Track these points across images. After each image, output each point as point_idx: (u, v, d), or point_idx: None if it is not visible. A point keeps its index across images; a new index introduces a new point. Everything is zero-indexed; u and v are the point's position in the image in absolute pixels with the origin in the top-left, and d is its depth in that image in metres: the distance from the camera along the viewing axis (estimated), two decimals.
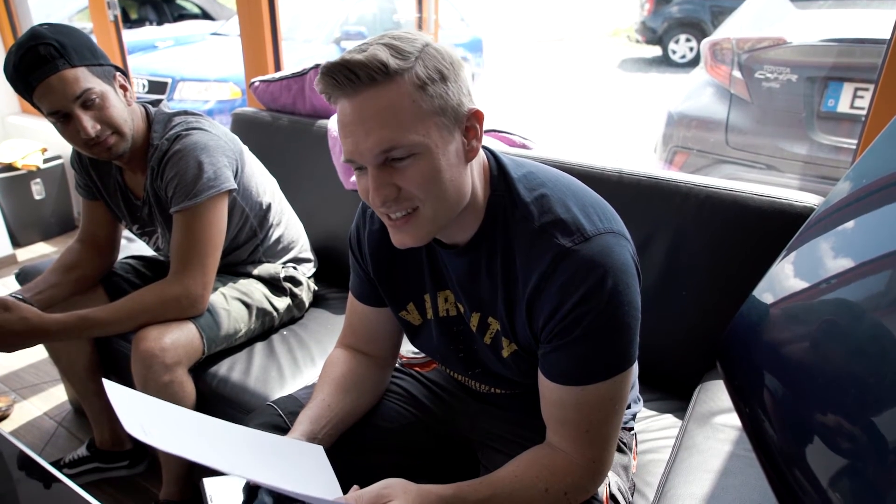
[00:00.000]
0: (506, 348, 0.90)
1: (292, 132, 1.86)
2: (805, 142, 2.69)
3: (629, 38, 10.09)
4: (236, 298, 1.48)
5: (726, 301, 1.14)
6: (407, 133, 0.73)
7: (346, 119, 0.75)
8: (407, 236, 0.80)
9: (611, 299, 0.77)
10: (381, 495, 0.77)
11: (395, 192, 0.76)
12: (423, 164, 0.75)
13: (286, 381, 1.39)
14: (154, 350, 1.30)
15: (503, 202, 0.84)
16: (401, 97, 0.72)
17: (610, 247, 0.79)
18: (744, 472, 0.92)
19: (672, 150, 3.07)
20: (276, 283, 1.58)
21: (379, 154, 0.74)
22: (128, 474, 1.68)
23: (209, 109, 4.79)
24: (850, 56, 2.63)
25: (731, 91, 2.93)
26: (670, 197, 1.28)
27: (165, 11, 7.54)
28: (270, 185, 1.62)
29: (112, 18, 2.52)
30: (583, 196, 0.85)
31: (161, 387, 1.32)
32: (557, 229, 0.80)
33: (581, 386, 0.81)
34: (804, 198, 1.20)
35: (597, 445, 0.84)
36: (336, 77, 0.72)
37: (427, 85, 0.74)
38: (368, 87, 0.72)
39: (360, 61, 0.71)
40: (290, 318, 1.64)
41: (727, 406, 1.08)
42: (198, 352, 1.38)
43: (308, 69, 1.81)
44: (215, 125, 1.44)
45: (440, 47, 0.76)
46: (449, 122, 0.76)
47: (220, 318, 1.42)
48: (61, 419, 1.90)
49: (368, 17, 5.62)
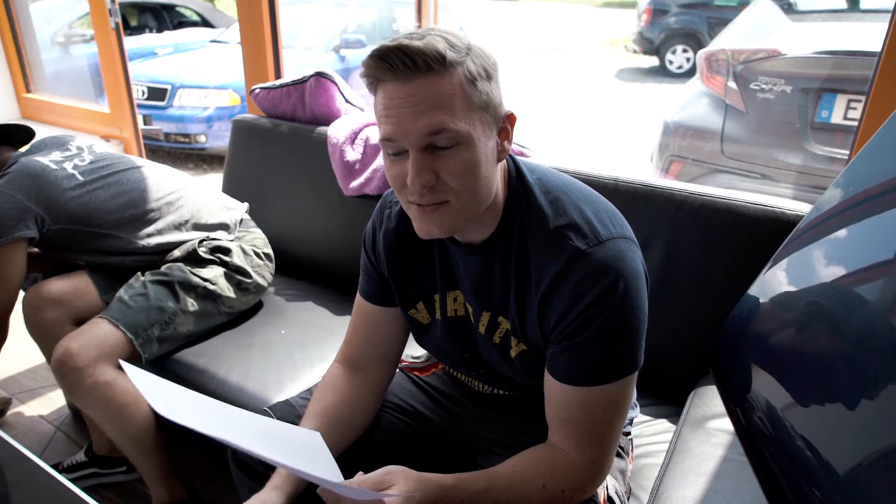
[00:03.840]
0: (514, 348, 0.91)
1: (292, 139, 1.87)
2: (799, 152, 2.72)
3: (626, 48, 10.16)
4: (153, 281, 1.49)
5: (720, 308, 1.16)
6: (456, 120, 0.74)
7: (392, 102, 0.75)
8: (434, 225, 0.80)
9: (622, 302, 0.79)
10: (382, 481, 0.78)
11: (434, 179, 0.76)
12: (465, 154, 0.76)
13: (284, 384, 1.40)
14: (62, 358, 1.33)
15: (520, 203, 0.86)
16: (453, 87, 0.74)
17: (622, 251, 0.81)
18: (736, 476, 0.93)
19: (668, 159, 3.10)
20: (193, 256, 1.58)
21: (426, 136, 0.74)
22: (125, 480, 1.68)
23: (208, 116, 4.81)
24: (843, 68, 2.67)
25: (726, 101, 2.96)
26: (665, 205, 1.30)
27: (165, 19, 7.58)
28: (135, 183, 1.57)
29: (113, 25, 2.54)
30: (595, 201, 0.87)
31: (88, 391, 1.34)
32: (572, 232, 0.81)
33: (587, 387, 0.82)
34: (797, 206, 1.22)
35: (598, 447, 0.85)
36: (391, 61, 0.72)
37: (476, 80, 0.76)
38: (424, 74, 0.73)
39: (419, 48, 0.72)
40: (255, 286, 1.64)
41: (720, 411, 1.09)
42: (120, 345, 1.39)
43: (308, 77, 1.83)
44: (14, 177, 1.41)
45: (484, 48, 0.79)
46: (490, 120, 0.78)
47: (133, 302, 1.44)
48: (59, 423, 1.91)
49: (368, 25, 5.66)
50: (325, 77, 1.82)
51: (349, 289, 1.81)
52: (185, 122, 4.82)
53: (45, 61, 3.34)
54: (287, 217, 1.89)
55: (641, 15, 8.61)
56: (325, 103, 1.84)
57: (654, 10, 8.40)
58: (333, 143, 1.75)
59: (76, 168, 1.50)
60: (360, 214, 1.74)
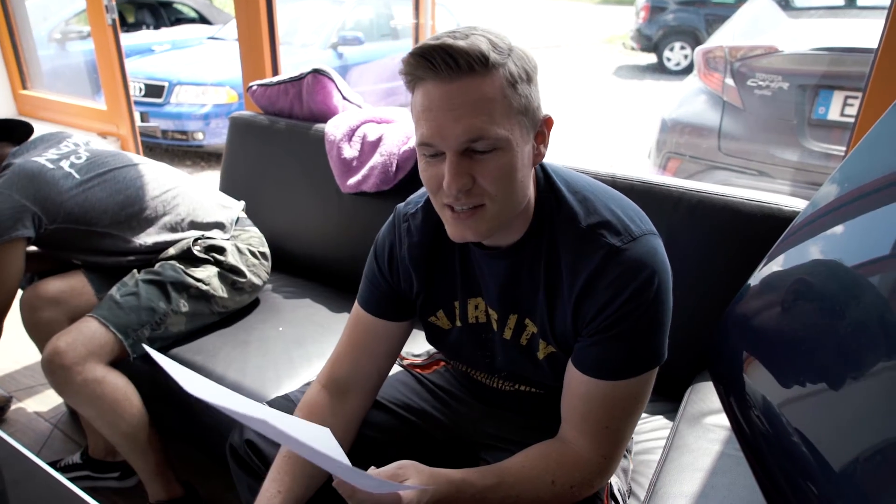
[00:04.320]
0: (542, 350, 0.91)
1: (290, 136, 1.87)
2: (796, 148, 2.73)
3: (624, 45, 10.14)
4: (145, 281, 1.49)
5: (716, 304, 1.16)
6: (496, 126, 0.73)
7: (432, 104, 0.74)
8: (468, 230, 0.79)
9: (656, 297, 0.81)
10: (396, 475, 0.78)
11: (471, 183, 0.76)
12: (503, 159, 0.75)
13: (282, 381, 1.40)
14: (50, 356, 1.33)
15: (549, 204, 0.86)
16: (494, 90, 0.73)
17: (655, 248, 0.83)
18: (733, 471, 0.93)
19: (666, 155, 3.10)
20: (187, 255, 1.56)
21: (464, 141, 0.74)
22: (118, 486, 1.67)
23: (206, 113, 4.80)
24: (840, 65, 2.67)
25: (723, 98, 2.96)
26: (662, 201, 1.30)
27: (162, 15, 7.55)
28: (131, 182, 1.56)
29: (110, 22, 2.53)
30: (620, 200, 0.88)
31: (77, 389, 1.34)
32: (605, 230, 0.82)
33: (613, 381, 0.83)
34: (793, 203, 1.22)
35: (612, 443, 0.86)
36: (433, 60, 0.71)
37: (517, 83, 0.75)
38: (466, 75, 0.72)
39: (463, 48, 0.71)
40: (250, 286, 1.63)
41: (717, 407, 1.10)
42: (109, 343, 1.39)
43: (305, 73, 1.83)
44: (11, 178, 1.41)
45: (525, 49, 0.78)
46: (529, 124, 0.78)
47: (124, 302, 1.43)
48: (57, 421, 1.90)
49: (365, 22, 5.65)
50: (323, 74, 1.82)
51: (346, 286, 1.82)
52: (183, 119, 4.81)
53: (41, 58, 3.33)
54: (284, 214, 1.89)
55: (639, 12, 8.60)
56: (322, 100, 1.84)
57: (652, 7, 8.39)
58: (331, 140, 1.75)
59: (73, 167, 1.50)
60: (357, 212, 1.74)
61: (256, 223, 1.81)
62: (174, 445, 1.56)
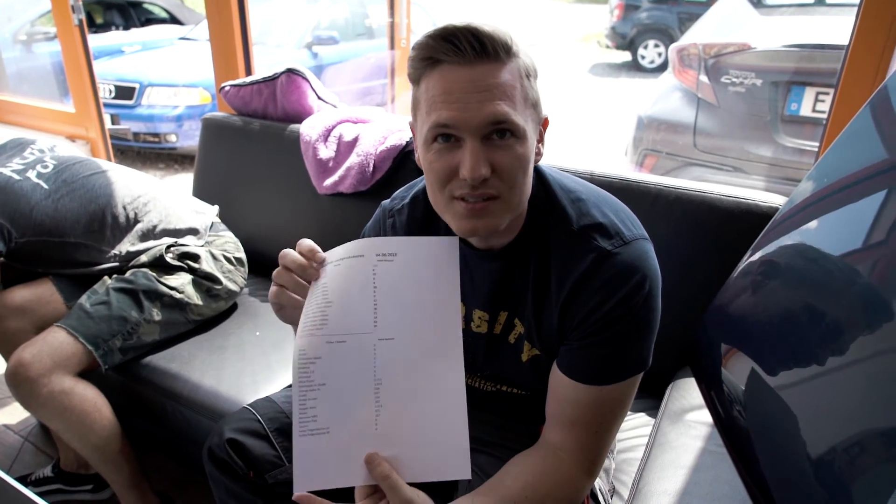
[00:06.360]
0: (526, 352, 0.90)
1: (264, 137, 1.84)
2: (770, 144, 2.76)
3: (599, 43, 10.21)
4: (116, 289, 1.44)
5: (696, 300, 1.16)
6: (517, 114, 0.72)
7: (453, 86, 0.71)
8: (480, 223, 0.77)
9: (645, 302, 0.80)
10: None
11: (489, 171, 0.73)
12: (520, 149, 0.74)
13: (260, 387, 1.37)
14: (14, 368, 1.29)
15: (542, 205, 0.85)
16: (514, 79, 0.72)
17: (646, 252, 0.82)
18: (715, 468, 0.93)
19: (642, 152, 3.12)
20: (160, 262, 1.52)
21: (489, 125, 0.71)
22: (91, 499, 1.63)
23: (178, 115, 4.72)
24: (811, 61, 2.71)
25: (698, 95, 2.99)
26: (640, 198, 1.30)
27: (132, 16, 7.41)
28: (102, 189, 1.52)
29: (76, 23, 2.47)
30: (612, 202, 0.87)
31: (42, 402, 1.30)
32: (597, 232, 0.81)
33: (600, 385, 0.82)
34: (769, 198, 1.23)
35: (599, 447, 0.85)
36: (458, 42, 0.69)
37: (530, 76, 0.75)
38: (490, 60, 0.71)
39: (490, 33, 0.70)
40: (226, 292, 1.60)
41: (698, 403, 1.10)
42: (77, 354, 1.35)
43: (279, 73, 1.80)
44: None
45: (526, 48, 0.78)
46: (536, 119, 0.78)
47: (94, 311, 1.39)
48: (27, 434, 1.85)
49: (340, 21, 5.60)
50: (297, 73, 1.79)
51: None
52: (155, 122, 4.72)
53: (6, 60, 3.25)
54: (260, 217, 1.86)
55: (613, 10, 8.66)
56: (297, 100, 1.81)
57: (625, 5, 8.46)
58: (306, 140, 1.72)
59: (40, 177, 1.45)
60: (334, 213, 1.72)
61: (231, 226, 1.77)
62: (148, 456, 1.52)
